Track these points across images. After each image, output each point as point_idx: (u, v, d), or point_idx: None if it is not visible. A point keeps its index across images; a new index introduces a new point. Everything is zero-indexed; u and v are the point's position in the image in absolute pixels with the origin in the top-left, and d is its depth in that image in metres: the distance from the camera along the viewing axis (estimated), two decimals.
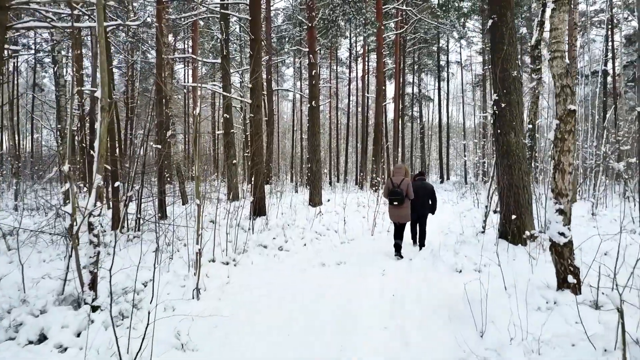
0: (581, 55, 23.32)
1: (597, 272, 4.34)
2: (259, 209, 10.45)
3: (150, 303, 3.90)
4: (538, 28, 10.90)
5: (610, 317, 3.71)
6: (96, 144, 4.25)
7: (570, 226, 4.23)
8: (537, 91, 11.28)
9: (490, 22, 7.16)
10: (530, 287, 4.62)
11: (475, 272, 5.67)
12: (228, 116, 14.01)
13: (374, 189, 19.91)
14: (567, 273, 4.18)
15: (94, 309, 4.08)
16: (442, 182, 33.40)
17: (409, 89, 34.68)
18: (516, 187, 6.89)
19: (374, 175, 20.01)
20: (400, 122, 29.52)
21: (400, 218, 7.17)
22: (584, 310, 3.84)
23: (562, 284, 4.24)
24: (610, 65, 25.10)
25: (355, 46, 34.21)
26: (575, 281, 4.16)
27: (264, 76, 21.16)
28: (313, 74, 13.24)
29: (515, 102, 6.88)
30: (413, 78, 34.51)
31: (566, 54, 4.17)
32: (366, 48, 30.25)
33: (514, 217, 6.66)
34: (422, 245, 7.74)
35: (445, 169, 36.50)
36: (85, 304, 4.06)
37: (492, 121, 7.29)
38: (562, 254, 4.20)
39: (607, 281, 4.29)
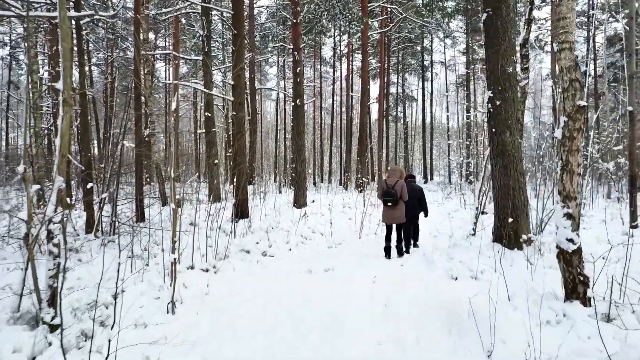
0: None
1: (598, 280, 4.05)
2: (241, 211, 10.01)
3: (112, 327, 3.40)
4: (526, 27, 10.69)
5: (626, 333, 3.40)
6: (57, 141, 3.78)
7: (578, 232, 3.90)
8: (525, 90, 11.06)
9: (484, 15, 6.84)
10: (535, 296, 4.31)
11: (472, 280, 5.34)
12: (209, 114, 13.51)
13: (359, 189, 19.58)
14: (576, 283, 3.86)
15: (53, 328, 3.60)
16: (425, 182, 33.28)
17: (393, 89, 34.51)
18: (512, 188, 6.59)
19: (359, 176, 19.67)
20: (385, 122, 29.29)
21: (393, 220, 7.02)
22: (596, 324, 3.53)
23: (570, 294, 3.92)
24: (592, 66, 25.23)
25: (340, 45, 33.90)
26: (584, 291, 3.84)
27: (247, 75, 20.70)
28: (297, 71, 12.84)
29: (510, 100, 6.57)
30: (397, 78, 34.35)
31: (575, 45, 3.85)
32: (350, 47, 29.95)
33: (510, 220, 6.34)
34: (415, 243, 7.92)
35: (429, 169, 36.39)
36: (44, 323, 3.59)
37: (486, 119, 6.96)
38: (570, 261, 3.88)
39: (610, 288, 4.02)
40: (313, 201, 14.55)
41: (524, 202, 6.65)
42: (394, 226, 7.27)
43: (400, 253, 7.16)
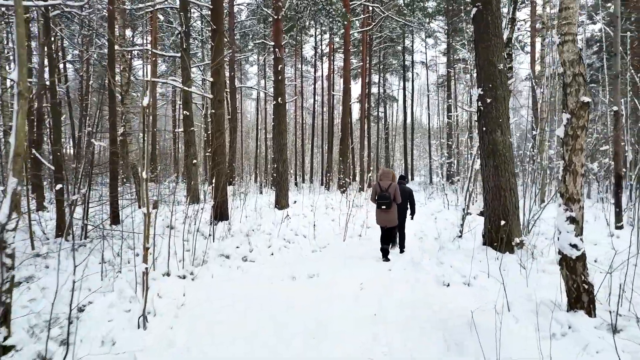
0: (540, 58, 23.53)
1: (600, 288, 3.83)
2: (220, 213, 9.61)
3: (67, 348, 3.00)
4: (509, 25, 10.56)
5: (636, 347, 3.16)
6: (12, 139, 3.36)
7: (582, 236, 3.66)
8: (512, 89, 10.93)
9: (474, 10, 6.60)
10: (533, 305, 4.06)
11: (465, 286, 5.07)
12: (188, 113, 13.06)
13: (341, 190, 19.30)
14: (580, 291, 3.61)
15: (6, 350, 3.19)
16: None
17: (374, 89, 34.38)
18: (503, 189, 6.36)
19: (342, 176, 19.39)
20: (366, 122, 29.12)
21: (387, 222, 7.03)
22: (603, 336, 3.29)
23: (574, 303, 3.67)
24: None
25: (321, 45, 33.64)
26: (589, 300, 3.60)
27: (227, 73, 20.21)
28: (279, 69, 12.47)
29: (501, 98, 6.35)
30: (379, 78, 34.21)
31: (577, 37, 3.61)
32: (332, 47, 29.69)
33: (502, 222, 6.10)
34: (402, 248, 7.63)
35: (410, 170, 36.35)
36: None
37: (476, 118, 6.71)
38: (574, 269, 3.63)
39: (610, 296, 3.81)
40: (295, 202, 14.21)
41: (515, 203, 6.44)
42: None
43: (400, 248, 7.46)
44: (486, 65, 6.35)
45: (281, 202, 12.32)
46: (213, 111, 9.91)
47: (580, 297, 3.60)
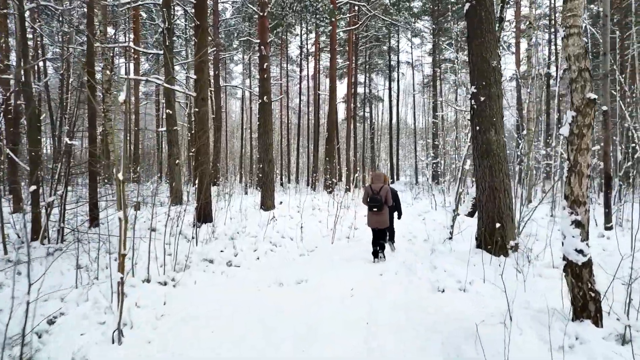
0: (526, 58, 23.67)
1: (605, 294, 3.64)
2: (204, 215, 9.28)
3: None
4: (498, 24, 10.45)
5: None
6: None
7: (588, 241, 3.46)
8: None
9: (467, 5, 6.40)
10: (533, 312, 3.86)
11: (461, 292, 4.86)
12: (170, 112, 12.68)
13: (328, 190, 19.06)
14: (587, 300, 3.41)
15: None
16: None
17: (360, 89, 34.23)
18: (497, 190, 6.17)
19: (328, 176, 19.15)
20: (352, 121, 28.94)
21: (379, 224, 7.07)
22: (614, 349, 3.09)
23: (580, 312, 3.46)
24: (553, 68, 25.63)
25: (306, 44, 33.37)
26: (596, 309, 3.41)
27: (212, 72, 19.83)
28: (264, 67, 12.17)
29: (495, 96, 6.16)
30: (365, 78, 34.09)
31: (582, 30, 3.41)
32: (317, 46, 29.42)
33: (498, 225, 5.89)
34: (392, 240, 7.94)
35: (396, 170, 36.27)
36: None
37: (466, 117, 6.51)
38: (580, 276, 3.43)
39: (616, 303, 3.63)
40: (281, 203, 13.93)
41: (509, 205, 6.26)
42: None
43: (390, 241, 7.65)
44: (479, 62, 6.16)
45: (267, 203, 12.03)
46: (196, 109, 9.58)
47: (587, 306, 3.40)
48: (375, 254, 7.04)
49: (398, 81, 35.01)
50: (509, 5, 26.06)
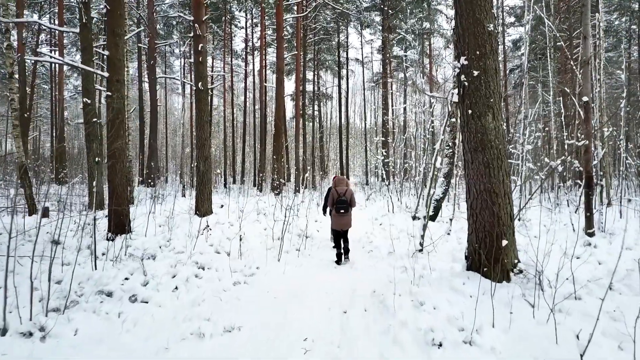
0: None
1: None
2: (115, 224, 7.44)
3: None
4: None
5: None
6: None
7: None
8: None
9: None
10: None
11: (467, 346, 3.36)
12: (89, 100, 10.70)
13: (275, 192, 17.45)
14: None
15: None
16: None
17: (308, 87, 32.84)
18: (496, 194, 4.79)
19: (275, 177, 17.53)
20: (302, 119, 27.49)
21: (344, 226, 7.28)
22: None
23: None
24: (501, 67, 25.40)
25: (252, 38, 31.57)
26: None
27: (147, 62, 17.72)
28: (199, 48, 10.39)
29: (492, 70, 4.81)
30: (313, 75, 32.69)
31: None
32: (263, 42, 27.64)
33: (504, 243, 4.51)
34: (347, 252, 7.46)
35: (345, 170, 35.06)
36: None
37: (457, 97, 5.07)
38: None
39: None
40: (222, 206, 12.21)
41: (510, 213, 4.89)
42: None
43: (346, 254, 7.33)
44: (472, 26, 4.72)
45: (202, 208, 10.28)
46: (109, 94, 7.71)
47: None
48: (339, 258, 7.20)
49: (347, 78, 33.82)
50: None
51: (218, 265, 5.83)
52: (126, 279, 4.95)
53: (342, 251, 7.27)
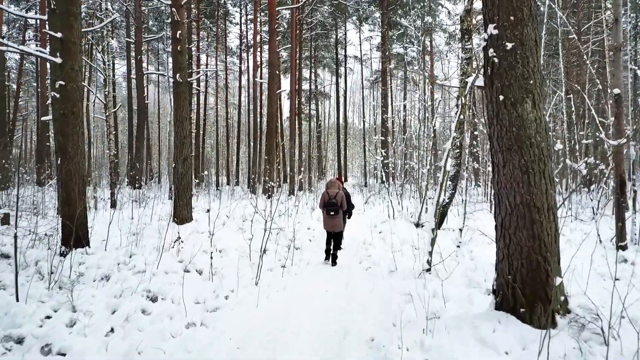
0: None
1: None
2: (66, 236, 6.27)
3: None
4: None
5: None
6: None
7: None
8: None
9: None
10: None
11: None
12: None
13: (267, 194, 16.30)
14: None
15: None
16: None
17: (305, 86, 31.70)
18: (538, 208, 3.53)
19: (267, 178, 16.38)
20: (298, 118, 26.35)
21: (334, 227, 7.49)
22: None
23: None
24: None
25: (247, 34, 30.44)
26: None
27: (134, 56, 16.59)
28: (177, 36, 9.26)
29: (531, 41, 3.58)
30: (310, 73, 31.54)
31: None
32: (257, 37, 26.51)
33: (557, 280, 3.27)
34: (335, 258, 7.49)
35: (344, 171, 33.89)
36: None
37: (484, 79, 3.83)
38: None
39: None
40: (208, 210, 11.02)
41: (555, 234, 3.62)
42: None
43: (334, 262, 7.39)
44: None
45: (181, 215, 9.14)
46: (62, 83, 6.59)
47: None
48: (327, 254, 7.54)
49: (345, 76, 32.61)
50: None
51: (175, 294, 4.55)
52: (48, 317, 3.74)
53: (331, 248, 7.50)
